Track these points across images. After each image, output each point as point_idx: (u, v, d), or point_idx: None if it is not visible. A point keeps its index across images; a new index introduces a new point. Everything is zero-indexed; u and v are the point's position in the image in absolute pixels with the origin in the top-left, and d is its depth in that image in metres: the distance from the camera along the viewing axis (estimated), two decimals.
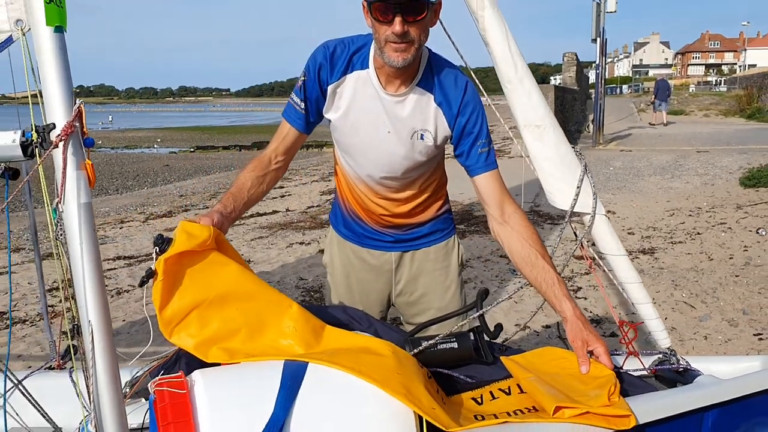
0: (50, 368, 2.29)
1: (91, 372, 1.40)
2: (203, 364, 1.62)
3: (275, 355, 1.58)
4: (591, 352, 1.81)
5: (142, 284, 1.60)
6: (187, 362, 1.88)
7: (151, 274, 1.59)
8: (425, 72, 2.03)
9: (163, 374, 1.85)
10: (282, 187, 13.65)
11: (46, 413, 1.79)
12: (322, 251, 7.67)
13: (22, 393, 1.78)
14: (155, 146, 32.66)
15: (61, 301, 5.62)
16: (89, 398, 1.45)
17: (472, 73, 2.17)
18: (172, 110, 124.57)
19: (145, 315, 5.47)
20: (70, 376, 2.17)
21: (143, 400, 1.90)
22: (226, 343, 1.61)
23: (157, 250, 1.60)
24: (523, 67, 1.95)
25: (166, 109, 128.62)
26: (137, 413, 1.68)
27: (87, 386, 1.44)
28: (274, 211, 10.32)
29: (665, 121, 25.88)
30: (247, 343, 1.61)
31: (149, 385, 1.42)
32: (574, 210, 1.99)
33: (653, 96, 27.81)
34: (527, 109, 1.97)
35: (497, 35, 1.93)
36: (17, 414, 1.84)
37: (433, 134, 2.08)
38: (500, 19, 1.92)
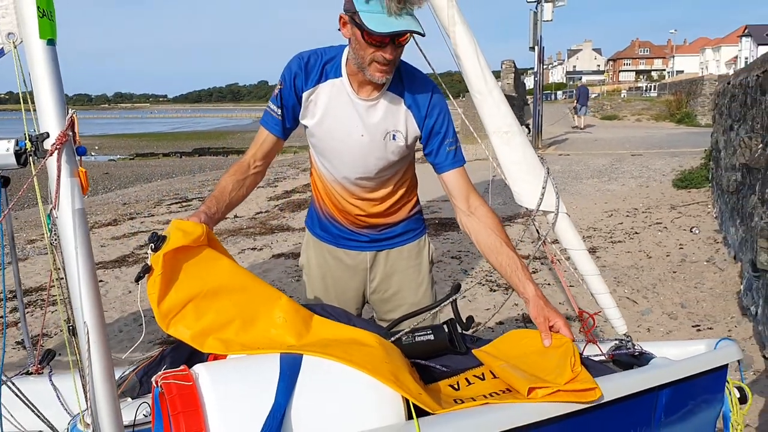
0: (28, 373, 2.31)
1: (87, 372, 1.46)
2: (186, 364, 1.69)
3: (268, 344, 1.67)
4: (552, 326, 1.97)
5: (138, 279, 1.66)
6: (171, 362, 1.95)
7: (147, 269, 1.65)
8: (395, 78, 2.17)
9: (150, 374, 1.92)
10: None
11: (41, 413, 1.82)
12: (275, 256, 7.67)
13: (18, 395, 1.81)
14: (93, 154, 31.82)
15: (11, 312, 5.52)
16: (86, 398, 1.50)
17: (439, 78, 2.31)
18: (108, 117, 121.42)
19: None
20: (50, 381, 2.20)
21: (129, 399, 1.95)
22: (220, 333, 1.69)
23: (152, 247, 1.66)
24: (492, 80, 2.10)
25: (102, 116, 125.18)
26: (124, 412, 1.74)
27: (84, 386, 1.50)
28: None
29: (583, 125, 27.00)
30: (240, 334, 1.70)
31: (154, 378, 1.48)
32: (540, 209, 2.14)
33: (575, 101, 29.10)
34: (496, 117, 2.12)
35: (468, 50, 2.08)
36: (12, 417, 1.87)
37: (404, 135, 2.22)
38: (470, 34, 2.07)
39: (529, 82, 35.22)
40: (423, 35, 1.96)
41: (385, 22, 1.89)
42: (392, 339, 1.95)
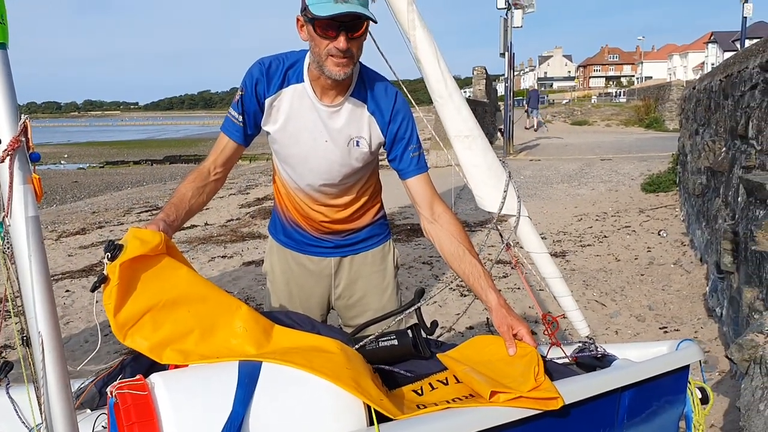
0: None
1: (42, 384, 1.43)
2: (147, 374, 1.66)
3: (228, 355, 1.65)
4: (515, 334, 1.97)
5: (94, 289, 1.61)
6: (132, 372, 1.92)
7: (103, 279, 1.60)
8: (358, 83, 2.16)
9: (109, 384, 1.88)
10: None
11: None
12: (245, 264, 7.58)
13: None
14: (62, 162, 31.41)
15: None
16: (41, 411, 1.47)
17: (402, 85, 2.31)
18: (78, 125, 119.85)
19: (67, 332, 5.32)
20: (7, 393, 2.15)
21: (88, 411, 1.91)
22: (179, 344, 1.65)
23: (109, 256, 1.61)
24: (452, 83, 2.10)
25: (72, 124, 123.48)
26: (82, 424, 1.70)
27: (38, 399, 1.46)
28: (193, 226, 10.18)
29: (536, 126, 28.52)
30: (200, 345, 1.67)
31: (109, 389, 1.45)
32: (501, 212, 2.15)
33: (526, 104, 30.23)
34: (457, 121, 2.12)
35: (428, 54, 2.08)
36: None
37: (368, 141, 2.21)
38: (430, 38, 2.07)
39: (501, 89, 35.59)
40: (374, 21, 1.97)
41: (332, 7, 1.90)
42: (357, 346, 1.94)
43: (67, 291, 6.64)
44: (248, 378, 1.51)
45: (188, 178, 2.15)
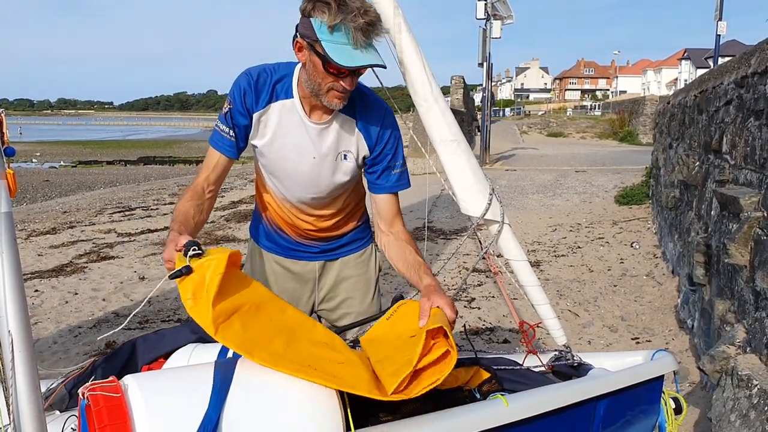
0: None
1: (10, 384, 1.39)
2: (120, 375, 1.63)
3: (314, 363, 1.59)
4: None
5: (173, 277, 1.60)
6: (103, 373, 1.88)
7: (189, 270, 1.59)
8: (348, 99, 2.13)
9: (79, 385, 1.84)
10: (171, 203, 13.38)
11: None
12: None
13: None
14: (33, 160, 30.97)
15: None
16: (8, 412, 1.43)
17: (387, 93, 2.29)
18: (50, 123, 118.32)
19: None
20: None
21: (57, 412, 1.87)
22: (268, 346, 1.61)
23: (195, 248, 1.62)
24: (437, 88, 2.10)
25: (45, 122, 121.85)
26: (51, 426, 1.66)
27: (6, 399, 1.43)
28: (166, 228, 10.07)
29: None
30: (288, 350, 1.62)
31: (80, 390, 1.42)
32: (485, 217, 2.14)
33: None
34: (442, 126, 2.11)
35: (414, 57, 2.06)
36: None
37: (355, 155, 2.19)
38: (415, 42, 2.06)
39: (478, 98, 35.84)
40: (385, 68, 1.94)
41: (351, 54, 1.85)
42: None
43: (36, 291, 6.53)
44: (223, 380, 1.48)
45: (185, 197, 2.09)
